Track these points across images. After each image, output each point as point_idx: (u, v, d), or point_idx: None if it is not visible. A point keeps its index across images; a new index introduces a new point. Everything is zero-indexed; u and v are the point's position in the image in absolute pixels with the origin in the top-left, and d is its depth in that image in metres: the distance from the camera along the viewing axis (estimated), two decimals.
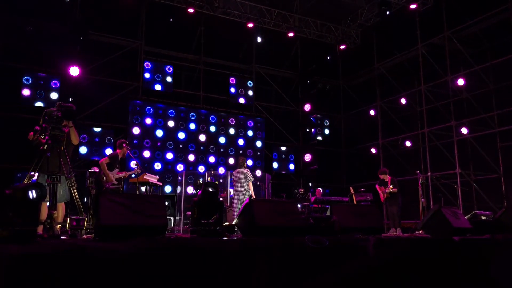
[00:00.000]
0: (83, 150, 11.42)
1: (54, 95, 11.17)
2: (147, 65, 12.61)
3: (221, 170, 12.93)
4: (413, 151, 14.07)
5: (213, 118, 13.38)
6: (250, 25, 13.32)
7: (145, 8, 12.57)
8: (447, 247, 4.51)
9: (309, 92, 14.86)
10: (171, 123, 12.63)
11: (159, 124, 12.45)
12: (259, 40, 13.92)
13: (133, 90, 12.37)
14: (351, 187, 10.72)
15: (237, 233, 4.74)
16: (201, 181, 9.89)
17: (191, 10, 12.47)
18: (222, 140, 13.41)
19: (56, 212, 4.45)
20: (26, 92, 10.95)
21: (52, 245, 2.69)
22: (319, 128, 15.79)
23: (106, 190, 6.62)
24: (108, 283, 2.63)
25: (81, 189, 5.68)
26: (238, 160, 8.98)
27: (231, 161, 13.31)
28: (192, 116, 13.04)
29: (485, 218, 6.50)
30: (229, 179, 11.27)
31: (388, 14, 12.23)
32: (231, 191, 10.37)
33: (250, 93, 14.19)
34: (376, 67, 14.75)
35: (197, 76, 13.76)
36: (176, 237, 4.06)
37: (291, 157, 14.95)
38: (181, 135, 12.74)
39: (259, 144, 14.08)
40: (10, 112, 10.72)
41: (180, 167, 12.45)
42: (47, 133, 4.55)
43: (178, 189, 11.71)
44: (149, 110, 12.35)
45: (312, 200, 10.68)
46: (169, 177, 12.24)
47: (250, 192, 8.42)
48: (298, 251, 3.49)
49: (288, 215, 4.16)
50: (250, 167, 13.11)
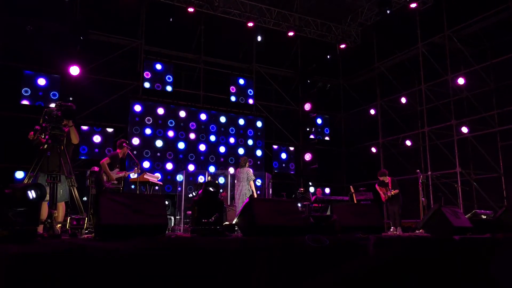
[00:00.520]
0: (83, 149, 11.43)
1: (54, 95, 11.18)
2: (147, 64, 12.62)
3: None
4: (413, 150, 14.07)
5: (213, 116, 13.38)
6: (250, 24, 13.32)
7: (145, 7, 12.57)
8: (447, 246, 4.51)
9: (309, 91, 14.85)
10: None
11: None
12: (259, 39, 13.92)
13: (133, 90, 12.37)
14: (351, 186, 10.71)
15: (238, 233, 4.73)
16: (201, 181, 9.90)
17: (191, 10, 12.47)
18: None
19: (56, 211, 4.44)
20: (26, 91, 10.95)
21: (52, 245, 2.68)
22: (319, 128, 15.78)
23: (106, 190, 6.62)
24: (108, 283, 2.63)
25: (81, 189, 5.69)
26: (239, 161, 9.02)
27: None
28: (192, 115, 13.04)
29: (485, 217, 6.48)
30: (229, 177, 11.29)
31: (388, 13, 12.22)
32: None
33: (250, 92, 14.19)
34: (376, 66, 14.74)
35: (197, 75, 13.74)
36: (177, 236, 4.06)
37: (292, 156, 14.95)
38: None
39: (259, 143, 14.08)
40: (10, 111, 10.72)
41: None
42: (47, 132, 4.54)
43: (179, 188, 11.71)
44: (149, 110, 12.37)
45: (312, 199, 10.68)
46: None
47: (252, 190, 8.41)
48: (298, 250, 3.49)
49: (288, 214, 4.15)
50: (250, 164, 13.11)
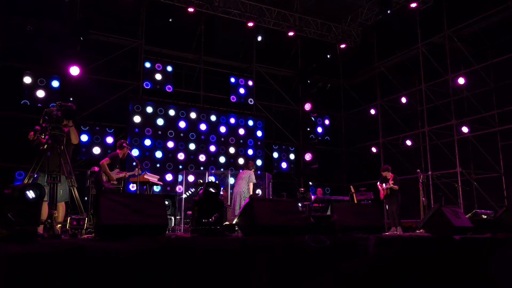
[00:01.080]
0: (83, 149, 11.44)
1: (54, 95, 11.16)
2: (147, 64, 12.61)
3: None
4: (413, 150, 14.06)
5: (213, 118, 13.39)
6: (250, 24, 13.31)
7: (145, 7, 12.56)
8: (448, 246, 4.51)
9: (309, 91, 14.85)
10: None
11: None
12: (259, 39, 13.91)
13: (133, 90, 12.37)
14: (351, 186, 10.71)
15: (238, 233, 4.73)
16: (201, 181, 9.90)
17: (191, 9, 12.46)
18: (222, 139, 13.41)
19: (56, 211, 4.44)
20: (26, 91, 10.95)
21: (52, 245, 2.68)
22: (319, 127, 15.78)
23: (106, 190, 6.62)
24: (108, 282, 2.63)
25: (81, 189, 5.69)
26: (248, 164, 9.30)
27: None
28: (192, 115, 13.05)
29: (485, 217, 6.48)
30: (229, 176, 11.32)
31: (388, 13, 12.22)
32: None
33: (251, 92, 14.18)
34: (376, 66, 14.73)
35: (197, 75, 13.74)
36: (177, 236, 4.05)
37: (292, 156, 14.94)
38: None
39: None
40: (10, 111, 10.72)
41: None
42: (47, 132, 4.54)
43: (179, 188, 11.70)
44: (149, 109, 12.38)
45: (312, 199, 10.68)
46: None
47: (250, 192, 8.46)
48: (298, 250, 3.48)
49: (288, 214, 4.14)
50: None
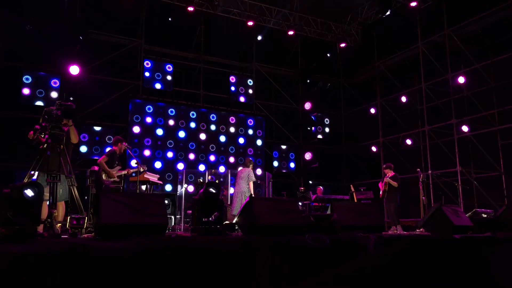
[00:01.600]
0: (83, 149, 11.44)
1: (54, 94, 11.17)
2: (147, 63, 12.61)
3: (221, 169, 12.90)
4: (413, 149, 14.05)
5: (213, 117, 13.38)
6: (250, 23, 13.30)
7: (145, 6, 12.55)
8: (448, 245, 4.51)
9: (309, 90, 14.86)
10: (171, 121, 12.65)
11: (159, 123, 12.45)
12: (259, 39, 13.90)
13: (133, 89, 12.36)
14: (351, 185, 10.71)
15: (238, 232, 4.73)
16: (201, 180, 9.90)
17: (191, 9, 12.46)
18: (222, 139, 13.40)
19: (56, 211, 4.44)
20: (26, 91, 10.95)
21: (52, 244, 2.68)
22: (319, 127, 15.78)
23: (106, 189, 6.62)
24: (108, 282, 2.63)
25: (81, 188, 5.68)
26: (245, 160, 9.13)
27: (231, 159, 13.33)
28: (192, 115, 13.05)
29: (486, 216, 6.49)
30: (229, 177, 11.29)
31: (388, 12, 12.21)
32: (232, 190, 10.39)
33: (250, 91, 14.15)
34: (376, 65, 14.73)
35: (197, 74, 13.73)
36: (177, 236, 4.05)
37: (292, 155, 14.94)
38: (181, 134, 12.75)
39: (259, 142, 14.06)
40: (10, 111, 10.72)
41: (180, 165, 12.44)
42: (47, 132, 4.55)
43: (179, 188, 11.70)
44: (149, 109, 12.36)
45: (313, 198, 10.68)
46: (169, 176, 12.24)
47: (250, 191, 8.44)
48: (298, 249, 3.48)
49: (288, 213, 4.14)
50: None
